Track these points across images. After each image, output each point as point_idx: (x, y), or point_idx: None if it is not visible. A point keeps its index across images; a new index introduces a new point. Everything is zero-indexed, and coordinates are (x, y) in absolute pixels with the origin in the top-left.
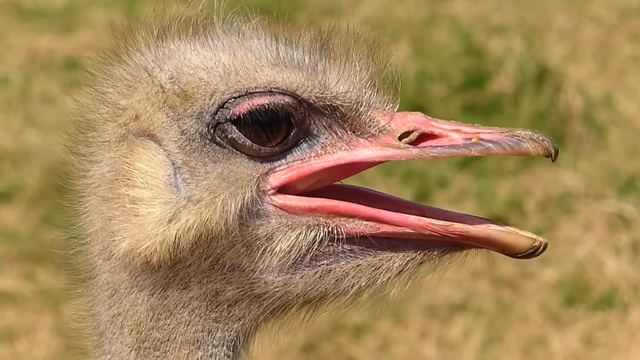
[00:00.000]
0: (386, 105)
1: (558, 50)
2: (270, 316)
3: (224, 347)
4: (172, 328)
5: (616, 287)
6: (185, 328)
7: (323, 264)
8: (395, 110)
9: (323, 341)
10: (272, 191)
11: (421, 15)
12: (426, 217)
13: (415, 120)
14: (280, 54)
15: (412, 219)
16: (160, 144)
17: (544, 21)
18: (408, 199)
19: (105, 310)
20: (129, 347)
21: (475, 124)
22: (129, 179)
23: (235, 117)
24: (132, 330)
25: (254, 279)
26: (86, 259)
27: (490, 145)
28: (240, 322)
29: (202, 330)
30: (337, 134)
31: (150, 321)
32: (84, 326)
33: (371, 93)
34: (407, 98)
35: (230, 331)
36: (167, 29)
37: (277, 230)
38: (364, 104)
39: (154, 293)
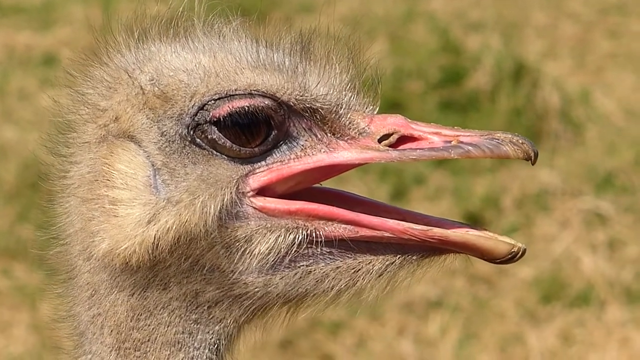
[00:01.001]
0: (366, 108)
1: (535, 47)
2: (251, 317)
3: (206, 350)
4: (152, 329)
5: (593, 284)
6: (166, 329)
7: (303, 265)
8: (375, 112)
9: (300, 338)
10: (251, 193)
11: (398, 12)
12: (406, 221)
13: (394, 123)
14: (261, 57)
15: (391, 223)
16: (140, 146)
17: (522, 17)
18: (385, 198)
19: (85, 311)
20: (109, 347)
21: (455, 127)
22: (108, 180)
23: (215, 119)
24: (112, 331)
25: (233, 279)
26: (66, 260)
27: (470, 148)
28: (222, 324)
29: (183, 332)
30: (317, 136)
31: (131, 321)
32: (64, 326)
33: (351, 95)
34: (384, 95)
35: (212, 333)
36: (147, 30)
37: (256, 233)
38: (344, 106)
39: (133, 293)
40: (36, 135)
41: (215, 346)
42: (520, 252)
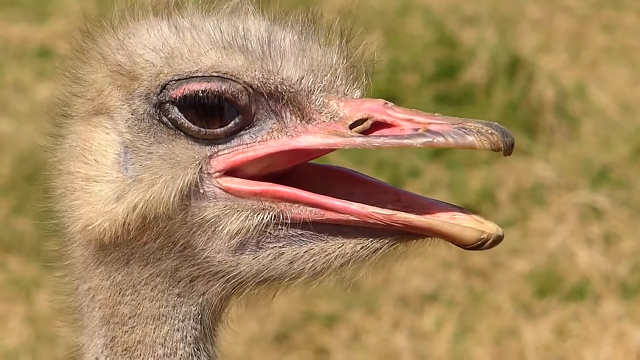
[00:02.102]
0: (346, 91)
1: (531, 41)
2: (232, 292)
3: (191, 321)
4: (138, 304)
5: (588, 278)
6: (150, 303)
7: (275, 247)
8: (358, 95)
9: (295, 331)
10: (217, 174)
11: (394, 5)
12: (400, 201)
13: (370, 108)
14: (231, 37)
15: (355, 206)
16: (113, 123)
17: (517, 11)
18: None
19: (81, 284)
20: (100, 321)
21: (436, 114)
22: (84, 156)
23: (172, 99)
24: (102, 305)
25: (206, 257)
26: (63, 233)
27: (435, 137)
28: (205, 297)
29: (167, 306)
30: (285, 119)
31: (117, 296)
32: (66, 301)
33: (329, 78)
34: (379, 88)
35: (196, 305)
36: (133, 7)
37: (223, 213)
38: (318, 89)
39: (117, 269)
40: (32, 128)
41: (200, 316)
42: (491, 239)
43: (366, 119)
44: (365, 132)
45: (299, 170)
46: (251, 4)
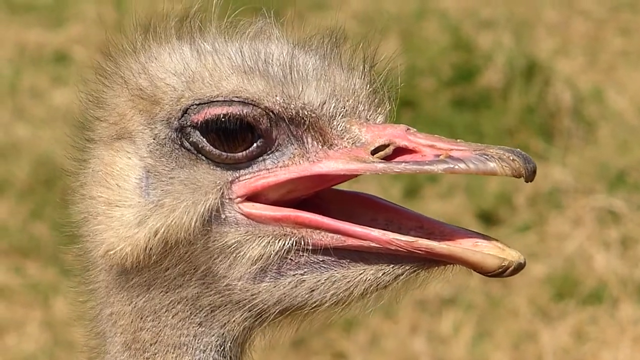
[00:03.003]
0: (369, 116)
1: (547, 45)
2: (254, 322)
3: (212, 352)
4: (159, 330)
5: (605, 282)
6: (172, 331)
7: (296, 274)
8: (383, 121)
9: (313, 336)
10: (239, 199)
11: (410, 9)
12: (423, 228)
13: (392, 134)
14: (253, 62)
15: (376, 233)
16: (135, 147)
17: (534, 15)
18: (399, 196)
19: (103, 309)
20: (122, 347)
21: (458, 140)
22: (106, 180)
23: (194, 124)
24: (123, 331)
25: (227, 284)
26: (85, 258)
27: (456, 163)
28: (226, 328)
29: (188, 335)
30: (307, 145)
31: (139, 322)
32: (89, 326)
33: (352, 103)
34: (396, 93)
35: (217, 336)
36: (157, 30)
37: (244, 239)
38: (340, 115)
39: (138, 295)
40: (49, 133)
41: (222, 347)
42: (512, 267)
43: (388, 145)
44: (387, 158)
45: (322, 195)
46: (275, 27)
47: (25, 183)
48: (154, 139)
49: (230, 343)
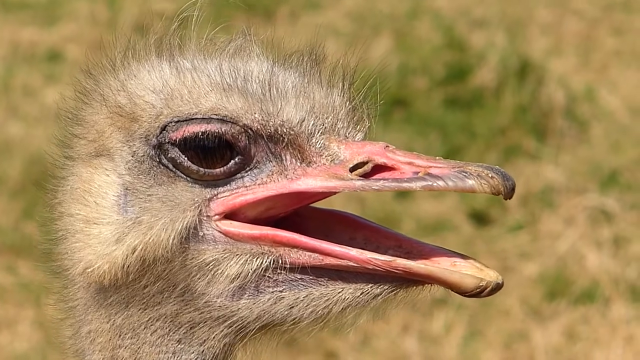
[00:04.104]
0: (348, 133)
1: (540, 44)
2: (234, 339)
3: None
4: (137, 348)
5: (597, 281)
6: (150, 348)
7: (275, 291)
8: (359, 138)
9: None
10: (217, 217)
11: (403, 9)
12: (402, 247)
13: (371, 151)
14: (232, 79)
15: (354, 252)
16: (114, 165)
17: (527, 14)
18: (390, 196)
19: (81, 327)
20: None
21: (437, 158)
22: (84, 198)
23: (172, 141)
24: (102, 348)
25: (206, 301)
26: (63, 275)
27: (435, 180)
28: (206, 345)
29: (167, 352)
30: (285, 162)
31: (117, 339)
32: (69, 344)
33: (331, 120)
34: (389, 92)
35: (197, 353)
36: (135, 48)
37: (222, 257)
38: (319, 132)
39: (117, 312)
40: (41, 132)
41: None
42: (490, 287)
43: (367, 162)
44: (365, 175)
45: (300, 213)
46: (256, 44)
47: (17, 182)
48: (132, 156)
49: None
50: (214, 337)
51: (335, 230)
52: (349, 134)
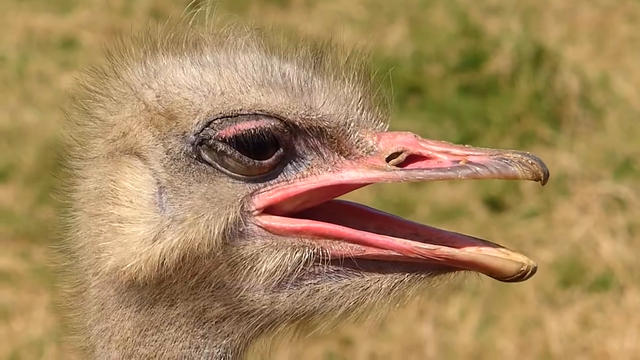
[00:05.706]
0: (376, 125)
1: (555, 31)
2: (259, 332)
3: None
4: (159, 344)
5: (612, 268)
6: (173, 344)
7: (310, 283)
8: (386, 129)
9: None
10: (257, 212)
11: None
12: (419, 235)
13: (404, 142)
14: (267, 74)
15: (398, 242)
16: (145, 163)
17: (541, 1)
18: (405, 183)
19: (95, 324)
20: None
21: (466, 146)
22: (114, 197)
23: (221, 139)
24: (119, 346)
25: (240, 297)
26: (76, 273)
27: (478, 168)
28: (229, 339)
29: (190, 347)
30: (323, 155)
31: (137, 337)
32: (77, 339)
33: (360, 113)
34: (403, 79)
35: (219, 347)
36: (157, 43)
37: (262, 251)
38: (352, 124)
39: (140, 309)
40: (56, 118)
41: (222, 359)
42: (529, 271)
43: (401, 152)
44: (400, 165)
45: (314, 207)
46: (290, 44)
47: (32, 168)
48: (167, 154)
49: (232, 353)
50: (239, 331)
51: (346, 221)
52: (378, 125)
